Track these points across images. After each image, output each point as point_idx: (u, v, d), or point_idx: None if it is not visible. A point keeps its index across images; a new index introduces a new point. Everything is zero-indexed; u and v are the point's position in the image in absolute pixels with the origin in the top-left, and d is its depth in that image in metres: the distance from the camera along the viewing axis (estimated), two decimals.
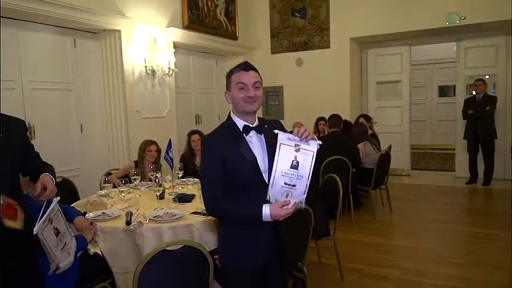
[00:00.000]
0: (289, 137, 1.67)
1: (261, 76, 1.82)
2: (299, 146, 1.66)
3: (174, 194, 3.12)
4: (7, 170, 1.76)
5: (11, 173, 1.80)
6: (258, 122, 1.83)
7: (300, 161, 1.66)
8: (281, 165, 1.65)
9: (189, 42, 5.92)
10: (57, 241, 1.84)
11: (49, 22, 4.27)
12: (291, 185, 1.67)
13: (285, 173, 1.66)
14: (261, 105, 1.82)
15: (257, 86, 1.76)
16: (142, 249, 2.36)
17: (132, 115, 4.97)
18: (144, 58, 5.10)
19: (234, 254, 1.84)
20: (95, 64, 4.90)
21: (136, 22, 4.99)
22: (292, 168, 1.66)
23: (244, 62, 1.84)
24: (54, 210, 1.84)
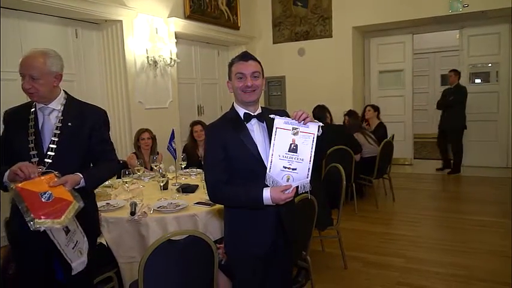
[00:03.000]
0: (286, 121, 1.70)
1: (262, 66, 1.82)
2: (297, 129, 1.69)
3: (178, 184, 3.13)
4: (73, 156, 1.89)
5: (75, 160, 1.91)
6: (262, 111, 1.85)
7: (299, 143, 1.68)
8: (278, 148, 1.68)
9: (191, 32, 5.89)
10: (67, 239, 1.84)
11: (51, 12, 4.26)
12: (291, 169, 1.69)
13: (283, 157, 1.69)
14: (260, 95, 1.84)
15: (256, 75, 1.79)
16: (147, 240, 2.37)
17: (134, 106, 4.96)
18: (146, 48, 5.08)
19: (237, 241, 1.89)
20: (97, 55, 4.88)
21: (137, 12, 4.96)
22: (291, 151, 1.68)
23: (244, 52, 1.87)
24: None
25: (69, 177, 1.81)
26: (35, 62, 1.83)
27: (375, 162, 4.93)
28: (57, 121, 1.91)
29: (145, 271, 1.75)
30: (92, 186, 2.00)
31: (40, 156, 1.87)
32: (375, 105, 6.30)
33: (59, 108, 1.93)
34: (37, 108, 1.93)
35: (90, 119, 1.97)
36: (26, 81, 1.85)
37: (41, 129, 1.91)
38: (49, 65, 1.86)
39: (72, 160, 1.91)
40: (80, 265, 1.88)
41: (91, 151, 2.00)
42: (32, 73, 1.83)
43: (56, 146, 1.88)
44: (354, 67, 7.02)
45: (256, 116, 1.82)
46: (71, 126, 1.91)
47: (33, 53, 1.87)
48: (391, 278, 3.15)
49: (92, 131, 1.96)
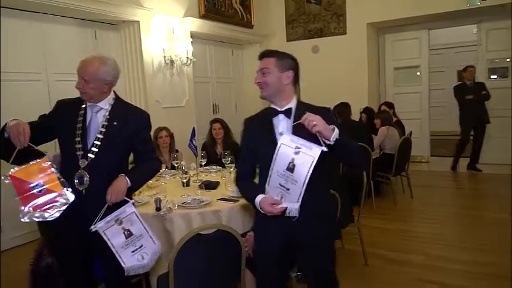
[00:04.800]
0: (292, 138, 1.68)
1: (278, 61, 1.83)
2: (300, 149, 1.64)
3: (199, 181, 3.17)
4: (114, 154, 1.98)
5: (116, 158, 1.99)
6: (297, 106, 1.85)
7: (297, 164, 1.64)
8: (278, 164, 1.69)
9: (206, 31, 5.93)
10: (127, 243, 1.90)
11: (71, 15, 4.34)
12: (286, 188, 1.68)
13: (281, 174, 1.69)
14: (273, 91, 1.84)
15: (263, 72, 1.83)
16: (172, 235, 2.41)
17: (152, 105, 5.02)
18: (163, 48, 5.13)
19: (256, 232, 2.02)
20: (115, 55, 4.94)
21: (154, 13, 5.01)
22: (288, 170, 1.66)
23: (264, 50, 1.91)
24: (127, 213, 1.91)
25: (117, 185, 1.91)
26: (89, 67, 1.92)
27: (393, 159, 4.91)
28: (103, 120, 1.99)
29: (175, 264, 1.78)
30: (137, 186, 2.11)
31: (84, 150, 1.95)
32: (390, 102, 6.27)
33: (107, 107, 2.01)
34: (87, 105, 2.01)
35: (133, 121, 2.05)
36: (78, 82, 1.95)
37: (87, 125, 1.99)
38: (102, 73, 1.94)
39: (113, 157, 1.99)
40: (138, 268, 1.93)
41: (133, 151, 2.09)
42: (85, 76, 1.92)
43: (100, 143, 1.96)
44: (369, 64, 6.98)
45: (283, 112, 1.84)
46: (115, 125, 1.99)
47: (91, 58, 1.96)
48: (412, 275, 3.14)
49: (134, 131, 2.03)
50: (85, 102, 2.03)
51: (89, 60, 1.96)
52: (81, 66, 1.95)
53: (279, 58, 1.84)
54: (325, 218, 1.90)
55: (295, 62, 1.89)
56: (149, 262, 1.96)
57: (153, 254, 1.97)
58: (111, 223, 1.88)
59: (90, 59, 1.96)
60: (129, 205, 1.93)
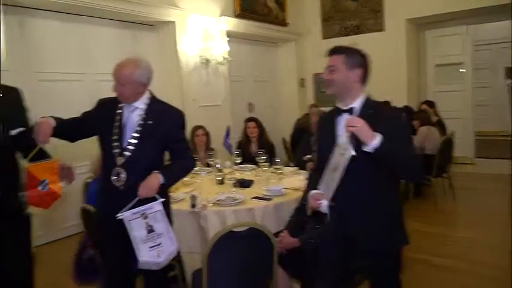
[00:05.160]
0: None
1: (346, 59, 1.78)
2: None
3: (234, 179, 3.18)
4: (149, 152, 2.03)
5: (151, 156, 2.04)
6: (363, 105, 1.80)
7: (339, 165, 1.69)
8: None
9: (241, 30, 5.96)
10: (147, 238, 1.95)
11: (110, 17, 4.49)
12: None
13: (329, 172, 1.74)
14: (340, 88, 1.81)
15: (330, 69, 1.81)
16: (207, 231, 2.44)
17: (188, 104, 5.10)
18: (198, 48, 5.20)
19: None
20: (152, 55, 5.05)
21: (189, 13, 5.09)
22: (332, 171, 1.72)
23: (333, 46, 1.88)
24: (154, 210, 1.95)
25: (150, 181, 1.95)
26: (124, 70, 1.97)
27: (433, 160, 4.72)
28: (139, 119, 2.04)
29: (208, 260, 1.80)
30: (170, 183, 2.13)
31: (121, 148, 2.01)
32: (431, 101, 6.04)
33: (142, 107, 2.06)
34: (124, 105, 2.08)
35: (168, 120, 2.08)
36: (115, 85, 2.00)
37: (124, 124, 2.05)
38: (136, 75, 1.98)
39: (148, 155, 2.03)
40: (152, 264, 1.96)
41: (167, 149, 2.12)
42: (120, 80, 1.97)
43: (136, 141, 2.01)
44: (408, 61, 6.76)
45: (346, 111, 1.80)
46: (150, 124, 2.03)
47: (126, 62, 2.00)
48: (455, 281, 3.01)
49: (168, 130, 2.07)
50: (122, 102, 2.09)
51: (123, 64, 2.00)
52: (116, 70, 2.00)
53: (347, 55, 1.80)
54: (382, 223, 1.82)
55: (364, 59, 1.84)
56: (164, 261, 1.99)
57: (169, 254, 2.01)
58: (137, 215, 1.92)
59: (124, 63, 2.00)
60: (158, 203, 1.97)
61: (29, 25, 3.92)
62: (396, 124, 1.75)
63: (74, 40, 4.24)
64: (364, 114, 1.75)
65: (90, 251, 2.51)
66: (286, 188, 2.92)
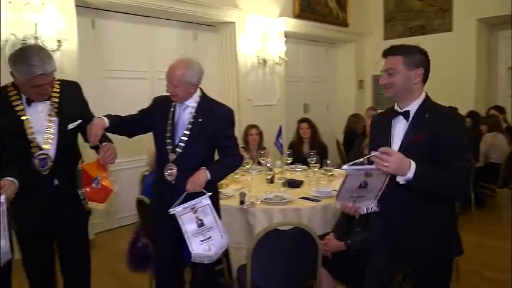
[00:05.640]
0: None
1: (406, 59, 1.68)
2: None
3: (283, 179, 3.21)
4: (199, 149, 2.12)
5: (201, 152, 2.14)
6: (420, 107, 1.71)
7: (369, 182, 1.58)
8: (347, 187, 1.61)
9: (300, 31, 5.96)
10: (198, 231, 2.04)
11: (174, 18, 4.70)
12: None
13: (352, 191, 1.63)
14: (402, 90, 1.71)
15: (390, 72, 1.70)
16: (254, 228, 2.49)
17: (244, 103, 5.21)
18: (256, 48, 5.29)
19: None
20: (211, 55, 5.24)
21: (249, 14, 5.19)
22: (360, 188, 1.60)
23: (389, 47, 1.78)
24: (202, 204, 2.05)
25: (197, 177, 2.05)
26: (176, 72, 2.06)
27: (499, 169, 4.41)
28: (190, 117, 2.14)
29: (253, 256, 1.85)
30: (217, 179, 2.21)
31: (173, 145, 2.13)
32: (501, 106, 5.63)
33: (193, 105, 2.16)
34: (176, 103, 2.18)
35: (218, 117, 2.16)
36: (169, 86, 2.09)
37: (176, 122, 2.16)
38: (188, 77, 2.07)
39: (198, 152, 2.12)
40: (204, 257, 2.05)
41: (216, 146, 2.21)
42: (173, 81, 2.06)
43: (187, 138, 2.11)
44: (478, 63, 6.34)
45: (402, 113, 1.73)
46: (201, 122, 2.12)
47: (178, 63, 2.09)
48: None
49: (218, 127, 2.15)
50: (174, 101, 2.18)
51: (175, 65, 2.08)
52: (169, 72, 2.08)
53: (407, 55, 1.69)
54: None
55: (425, 57, 1.73)
56: (214, 254, 2.05)
57: (219, 248, 2.07)
58: (187, 210, 2.01)
59: (176, 65, 2.08)
60: (206, 197, 2.05)
61: (100, 26, 4.23)
62: (453, 130, 1.64)
63: (139, 40, 4.50)
64: (418, 118, 1.68)
65: (143, 240, 2.67)
66: (336, 190, 2.89)
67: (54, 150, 1.97)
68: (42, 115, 1.97)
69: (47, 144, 1.95)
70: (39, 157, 1.92)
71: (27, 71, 1.82)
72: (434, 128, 1.62)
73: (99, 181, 2.04)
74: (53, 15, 3.44)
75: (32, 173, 1.92)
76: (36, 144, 1.93)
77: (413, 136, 1.66)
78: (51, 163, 1.95)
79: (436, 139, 1.60)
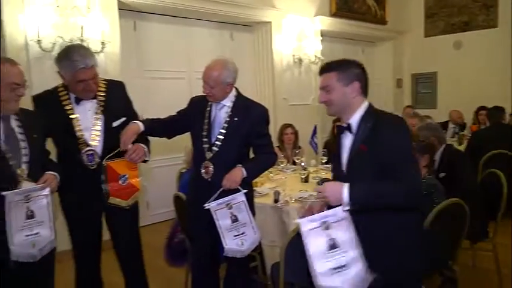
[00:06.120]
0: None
1: (340, 75, 1.65)
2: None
3: (318, 178, 3.20)
4: (234, 147, 2.17)
5: (236, 150, 2.19)
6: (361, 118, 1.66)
7: (337, 237, 1.50)
8: (315, 251, 1.50)
9: (336, 29, 5.90)
10: (232, 226, 2.10)
11: (211, 18, 4.80)
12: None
13: (325, 256, 1.51)
14: (338, 108, 1.68)
15: (326, 90, 1.68)
16: (288, 226, 2.50)
17: (279, 102, 5.23)
18: (292, 47, 5.29)
19: None
20: (247, 55, 5.30)
21: (285, 13, 5.20)
22: (332, 248, 1.50)
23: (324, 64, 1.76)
24: (237, 200, 2.10)
25: (233, 174, 2.10)
26: (213, 73, 2.11)
27: None
28: (226, 116, 2.19)
29: (286, 254, 1.86)
30: (252, 177, 2.25)
31: (209, 143, 2.19)
32: None
33: (229, 104, 2.20)
34: (212, 103, 2.24)
35: (253, 116, 2.20)
36: (206, 87, 2.14)
37: (212, 121, 2.22)
38: (224, 77, 2.12)
39: (234, 150, 2.17)
40: (236, 252, 2.10)
41: (251, 144, 2.25)
42: (209, 82, 2.11)
43: (223, 137, 2.17)
44: None
45: (346, 128, 1.69)
46: (236, 121, 2.17)
47: (214, 64, 2.14)
48: None
49: (253, 126, 2.19)
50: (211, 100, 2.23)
51: (211, 67, 2.12)
52: (205, 73, 2.12)
53: (340, 71, 1.67)
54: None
55: (359, 69, 1.70)
56: (246, 249, 2.10)
57: (251, 243, 2.11)
58: (222, 206, 2.06)
59: (212, 66, 2.12)
60: (241, 194, 2.08)
61: (141, 28, 4.39)
62: (395, 137, 1.58)
63: (177, 41, 4.62)
64: (361, 131, 1.63)
65: (180, 236, 2.76)
66: None
67: (101, 146, 2.09)
68: (90, 113, 2.10)
69: (94, 140, 2.08)
70: (86, 153, 2.05)
71: (70, 66, 1.96)
72: (377, 137, 1.58)
73: (127, 179, 2.13)
74: (98, 18, 3.61)
75: (81, 168, 2.04)
76: (84, 141, 2.06)
77: (357, 148, 1.63)
78: (98, 159, 2.08)
79: (380, 148, 1.56)
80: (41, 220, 1.77)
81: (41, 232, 1.77)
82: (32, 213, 1.75)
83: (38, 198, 1.77)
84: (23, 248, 1.71)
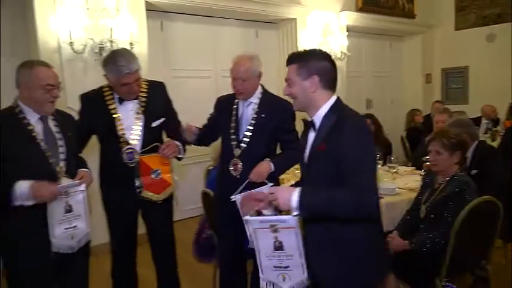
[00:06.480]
0: (262, 219, 1.52)
1: (299, 69, 1.53)
2: (275, 226, 1.47)
3: None
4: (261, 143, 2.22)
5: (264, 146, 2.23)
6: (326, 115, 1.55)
7: (283, 240, 1.47)
8: (263, 249, 1.51)
9: (362, 24, 5.81)
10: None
11: (236, 16, 4.83)
12: (284, 267, 1.52)
13: (271, 256, 1.51)
14: (301, 104, 1.58)
15: (288, 83, 1.58)
16: None
17: None
18: (318, 43, 5.24)
19: None
20: (272, 52, 5.29)
21: (311, 9, 5.16)
22: (276, 250, 1.49)
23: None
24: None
25: (261, 167, 2.13)
26: (242, 67, 2.14)
27: None
28: (253, 112, 2.23)
29: None
30: (279, 171, 2.28)
31: (237, 140, 2.22)
32: None
33: (256, 101, 2.24)
34: (239, 100, 2.27)
35: (279, 112, 2.22)
36: (238, 83, 2.16)
37: (240, 118, 2.26)
38: (254, 68, 2.16)
39: (262, 146, 2.21)
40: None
41: (278, 139, 2.27)
42: (242, 76, 2.14)
43: (251, 133, 2.20)
44: None
45: (310, 125, 1.61)
46: (263, 117, 2.20)
47: (241, 59, 2.17)
48: None
49: (280, 122, 2.21)
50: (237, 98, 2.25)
51: (240, 61, 2.15)
52: (235, 69, 2.15)
53: (300, 64, 1.54)
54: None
55: (323, 61, 1.55)
56: None
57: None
58: None
59: (240, 60, 2.15)
60: (267, 187, 2.08)
61: (167, 27, 4.46)
62: (353, 142, 1.45)
63: (203, 40, 4.67)
64: (322, 129, 1.53)
65: (208, 231, 2.80)
66: (400, 187, 2.82)
67: (140, 145, 2.18)
68: (131, 113, 2.20)
69: (134, 139, 2.18)
70: (127, 151, 2.15)
71: (115, 71, 2.06)
72: (336, 137, 1.47)
73: (159, 174, 2.20)
74: (126, 19, 3.69)
75: (121, 165, 2.14)
76: (125, 140, 2.16)
77: (316, 146, 1.54)
78: (137, 157, 2.17)
79: (338, 150, 1.46)
80: (78, 214, 1.89)
81: (78, 225, 1.89)
82: (70, 207, 1.86)
83: (76, 193, 1.88)
84: (62, 240, 1.84)
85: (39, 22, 3.37)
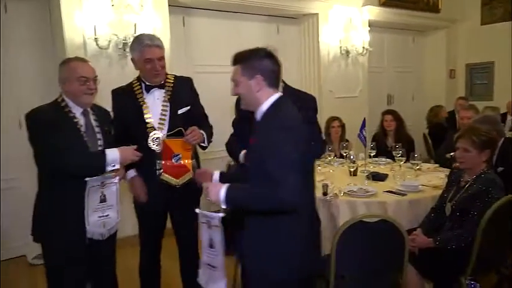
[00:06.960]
0: (203, 213, 1.68)
1: (243, 69, 1.64)
2: (210, 222, 1.63)
3: (367, 171, 3.16)
4: None
5: None
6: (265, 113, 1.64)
7: (214, 239, 1.60)
8: (203, 243, 1.69)
9: (385, 19, 5.72)
10: None
11: (257, 12, 4.82)
12: (212, 266, 1.68)
13: (205, 252, 1.68)
14: (248, 103, 1.68)
15: (235, 84, 1.68)
16: (337, 219, 2.50)
17: (325, 95, 5.17)
18: (339, 39, 5.20)
19: None
20: (294, 47, 5.27)
21: (333, 4, 5.11)
22: (209, 247, 1.63)
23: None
24: None
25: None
26: None
27: None
28: None
29: (337, 246, 1.87)
30: None
31: None
32: None
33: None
34: None
35: (303, 103, 2.18)
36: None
37: None
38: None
39: None
40: None
41: None
42: None
43: None
44: None
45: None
46: None
47: None
48: None
49: (303, 113, 2.17)
50: None
51: None
52: None
53: (244, 64, 1.62)
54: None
55: (265, 59, 1.61)
56: None
57: None
58: None
59: None
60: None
61: (189, 23, 4.49)
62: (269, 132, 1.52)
63: (225, 35, 4.68)
64: (260, 127, 1.61)
65: None
66: (424, 185, 2.79)
67: (166, 131, 2.25)
68: (158, 101, 2.28)
69: (161, 126, 2.24)
70: (153, 136, 2.21)
71: (138, 44, 2.19)
72: (261, 130, 1.57)
73: (180, 158, 2.24)
74: (150, 15, 3.74)
75: (149, 152, 2.18)
76: (152, 126, 2.23)
77: (251, 139, 1.60)
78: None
79: (262, 143, 1.53)
80: (111, 204, 2.00)
81: (110, 214, 2.01)
82: (105, 197, 1.98)
83: (111, 184, 2.00)
84: (96, 227, 1.96)
85: (65, 18, 3.43)
